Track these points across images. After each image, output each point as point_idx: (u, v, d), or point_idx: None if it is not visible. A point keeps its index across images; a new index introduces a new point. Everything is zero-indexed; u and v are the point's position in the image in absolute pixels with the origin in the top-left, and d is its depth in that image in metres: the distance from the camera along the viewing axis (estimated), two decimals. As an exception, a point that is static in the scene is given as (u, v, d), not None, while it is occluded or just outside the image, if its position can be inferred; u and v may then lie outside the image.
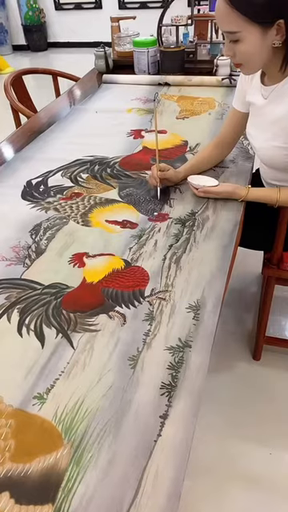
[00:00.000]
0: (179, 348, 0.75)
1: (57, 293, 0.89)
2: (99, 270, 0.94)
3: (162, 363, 0.73)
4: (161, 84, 1.98)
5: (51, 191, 1.25)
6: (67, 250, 1.01)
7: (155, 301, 0.85)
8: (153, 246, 1.01)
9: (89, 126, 1.65)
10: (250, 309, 1.82)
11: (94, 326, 0.81)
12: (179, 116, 1.68)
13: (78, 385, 0.71)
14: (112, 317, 0.82)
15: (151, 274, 0.92)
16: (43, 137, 1.59)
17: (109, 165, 1.37)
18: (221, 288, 0.88)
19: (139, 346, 0.76)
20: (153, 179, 1.18)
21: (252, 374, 1.56)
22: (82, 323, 0.81)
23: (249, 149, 1.40)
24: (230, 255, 0.97)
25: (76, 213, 1.15)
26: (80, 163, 1.39)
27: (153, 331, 0.79)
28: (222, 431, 1.39)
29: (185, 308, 0.83)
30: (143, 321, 0.81)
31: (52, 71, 2.30)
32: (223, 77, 1.92)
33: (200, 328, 0.79)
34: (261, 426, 1.40)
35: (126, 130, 1.59)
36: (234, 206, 1.13)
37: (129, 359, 0.74)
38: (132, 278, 0.92)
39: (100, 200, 1.19)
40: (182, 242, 1.01)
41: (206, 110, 1.70)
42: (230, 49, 0.99)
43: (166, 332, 0.79)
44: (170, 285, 0.89)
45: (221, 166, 1.32)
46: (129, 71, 2.15)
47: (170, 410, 0.66)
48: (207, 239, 1.02)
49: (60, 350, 0.77)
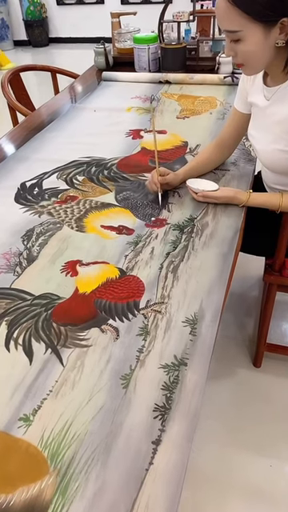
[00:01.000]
0: (174, 366, 0.71)
1: (47, 304, 0.85)
2: (92, 279, 0.90)
3: (156, 383, 0.69)
4: (161, 82, 1.93)
5: (46, 194, 1.21)
6: (60, 257, 0.97)
7: (150, 314, 0.81)
8: (149, 254, 0.96)
9: (87, 126, 1.61)
10: (250, 313, 1.78)
11: (86, 340, 0.77)
12: (180, 115, 1.63)
13: (67, 406, 0.67)
14: (104, 331, 0.78)
15: (147, 284, 0.88)
16: (40, 136, 1.55)
17: (106, 166, 1.33)
18: (219, 300, 0.84)
19: (132, 364, 0.72)
20: (153, 184, 1.14)
21: (252, 381, 1.52)
22: (72, 337, 0.77)
23: (251, 150, 1.35)
24: (230, 264, 0.92)
25: (70, 217, 1.10)
26: (76, 164, 1.34)
27: (147, 347, 0.75)
28: (221, 440, 1.35)
29: (181, 322, 0.79)
30: (137, 335, 0.77)
31: (51, 68, 2.25)
32: (225, 75, 1.87)
33: (197, 344, 0.75)
34: (261, 435, 1.36)
35: (125, 130, 1.55)
36: (234, 212, 1.09)
37: (121, 378, 0.70)
38: (127, 288, 0.87)
39: (96, 204, 1.15)
40: (179, 250, 0.97)
41: (207, 110, 1.65)
42: (231, 48, 0.95)
43: (160, 348, 0.74)
44: (166, 296, 0.85)
45: (221, 168, 1.28)
46: (129, 68, 2.10)
47: (163, 434, 0.62)
48: (206, 247, 0.97)
49: (49, 367, 0.73)
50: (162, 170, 1.13)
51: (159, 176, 1.11)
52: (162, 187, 1.14)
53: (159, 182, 1.11)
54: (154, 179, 1.13)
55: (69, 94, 1.94)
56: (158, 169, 1.12)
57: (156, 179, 1.11)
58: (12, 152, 1.45)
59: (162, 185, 1.12)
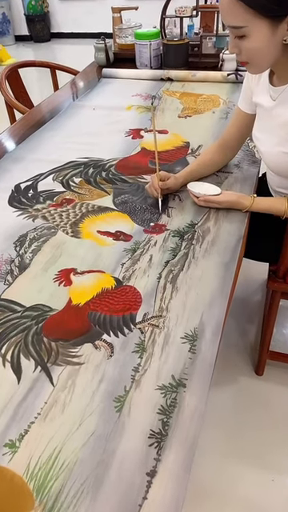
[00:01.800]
0: (172, 387, 0.67)
1: (38, 316, 0.80)
2: (87, 289, 0.85)
3: (152, 406, 0.64)
4: (163, 79, 1.88)
5: (40, 197, 1.16)
6: (53, 264, 0.93)
7: (147, 328, 0.77)
8: (147, 262, 0.92)
9: (85, 124, 1.56)
10: (253, 319, 1.73)
11: (78, 357, 0.72)
12: (181, 114, 1.57)
13: (56, 430, 0.62)
14: (98, 347, 0.74)
15: (144, 295, 0.83)
16: (37, 135, 1.50)
17: (104, 168, 1.27)
18: (221, 313, 0.79)
19: (127, 385, 0.67)
20: (153, 189, 1.09)
21: (254, 389, 1.48)
22: (64, 354, 0.73)
23: (255, 152, 1.30)
24: (232, 275, 0.87)
25: (66, 222, 1.06)
26: (73, 165, 1.29)
27: (143, 366, 0.70)
28: (221, 451, 1.31)
29: (180, 338, 0.74)
30: (133, 352, 0.72)
31: (50, 64, 2.19)
32: (229, 72, 1.81)
33: (196, 362, 0.70)
34: (263, 447, 1.32)
35: (125, 129, 1.49)
36: (237, 217, 1.03)
37: (115, 400, 0.65)
38: (123, 300, 0.83)
39: (92, 208, 1.10)
40: (179, 258, 0.92)
41: (209, 109, 1.60)
42: (235, 45, 0.89)
43: (157, 367, 0.70)
44: (164, 309, 0.80)
45: (224, 170, 1.22)
46: (130, 65, 2.04)
47: (158, 465, 0.58)
48: (207, 255, 0.92)
49: (38, 387, 0.68)
50: (162, 175, 1.08)
51: (160, 181, 1.06)
52: (163, 192, 1.09)
53: (160, 187, 1.06)
54: (154, 184, 1.08)
55: (68, 92, 1.89)
56: (159, 173, 1.07)
57: (156, 184, 1.06)
58: (8, 151, 1.40)
59: (162, 190, 1.07)
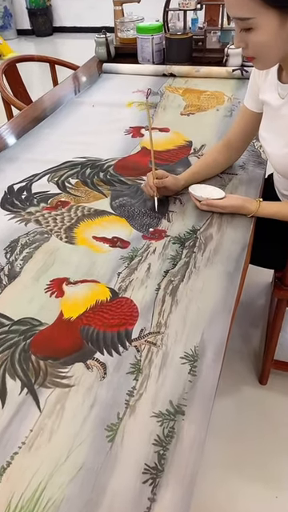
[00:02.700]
0: (170, 415, 0.61)
1: (27, 331, 0.74)
2: (80, 301, 0.80)
3: (147, 436, 0.59)
4: (165, 75, 1.81)
5: (34, 199, 1.10)
6: (45, 273, 0.87)
7: (144, 346, 0.71)
8: (145, 272, 0.86)
9: (84, 122, 1.49)
10: (257, 324, 1.67)
11: (68, 379, 0.66)
12: (184, 112, 1.51)
13: (41, 462, 0.56)
14: (90, 367, 0.68)
15: (141, 308, 0.78)
16: (33, 133, 1.44)
17: (102, 168, 1.21)
18: (224, 330, 0.73)
19: (120, 411, 0.62)
20: (148, 188, 1.03)
21: (257, 399, 1.42)
22: (52, 374, 0.67)
23: (261, 152, 1.23)
24: (236, 287, 0.81)
25: (60, 226, 1.00)
26: (70, 166, 1.23)
27: (138, 389, 0.64)
28: (221, 464, 1.25)
29: (179, 358, 0.68)
30: (128, 374, 0.67)
31: (49, 59, 2.12)
32: (234, 67, 1.74)
33: (197, 386, 0.64)
34: (266, 461, 1.26)
35: (125, 127, 1.43)
36: (242, 223, 0.97)
37: (107, 428, 0.60)
38: (118, 313, 0.77)
39: (88, 211, 1.04)
40: (179, 268, 0.86)
41: (213, 106, 1.53)
42: (241, 39, 0.83)
43: (154, 391, 0.64)
44: (162, 324, 0.74)
45: (228, 172, 1.16)
46: (132, 60, 1.98)
47: (153, 506, 0.52)
48: (209, 264, 0.86)
49: (23, 412, 0.62)
50: (159, 173, 1.02)
51: (155, 179, 1.00)
52: (160, 192, 1.03)
53: (155, 185, 1.00)
54: (149, 182, 1.02)
55: (66, 88, 1.82)
56: (155, 171, 1.01)
57: (151, 182, 1.00)
58: (2, 150, 1.34)
59: (158, 189, 1.01)
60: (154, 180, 1.00)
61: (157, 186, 1.00)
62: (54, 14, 6.06)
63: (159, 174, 1.02)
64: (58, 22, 6.14)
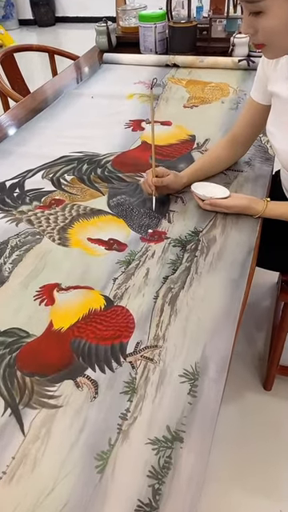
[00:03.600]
0: (166, 442, 0.55)
1: (13, 343, 0.68)
2: (72, 310, 0.73)
3: (141, 466, 0.53)
4: (168, 65, 1.73)
5: (27, 197, 1.03)
6: (35, 278, 0.81)
7: (139, 362, 0.65)
8: (143, 278, 0.79)
9: (82, 115, 1.42)
10: (261, 326, 1.61)
11: (55, 398, 0.60)
12: (187, 104, 1.43)
13: (23, 496, 0.51)
14: (80, 385, 0.62)
15: (138, 319, 0.71)
16: (29, 126, 1.37)
17: (99, 164, 1.15)
18: (228, 344, 0.67)
19: (112, 436, 0.56)
20: (147, 186, 0.96)
21: (261, 406, 1.36)
22: (39, 393, 0.61)
23: (268, 148, 1.16)
24: (241, 295, 0.75)
25: (53, 227, 0.93)
26: (66, 161, 1.17)
27: (133, 412, 0.58)
28: (223, 475, 1.20)
29: (178, 376, 0.62)
30: (121, 394, 0.61)
31: (49, 48, 2.05)
32: (240, 58, 1.66)
33: (197, 409, 0.58)
34: (270, 472, 1.21)
35: (125, 120, 1.36)
36: (247, 224, 0.91)
37: (96, 457, 0.54)
38: (113, 324, 0.71)
39: (84, 210, 0.98)
40: (180, 274, 0.80)
41: (218, 98, 1.46)
42: (249, 24, 0.76)
43: (150, 414, 0.58)
44: (160, 337, 0.68)
45: (233, 168, 1.09)
46: (134, 50, 1.90)
47: None
48: (212, 270, 0.80)
49: (6, 436, 0.57)
50: (159, 171, 0.95)
51: (155, 177, 0.94)
52: (160, 190, 0.96)
53: (154, 183, 0.94)
54: (148, 180, 0.95)
55: (65, 78, 1.75)
56: (154, 168, 0.94)
57: (150, 180, 0.94)
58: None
59: (158, 188, 0.95)
60: (153, 178, 0.93)
61: (156, 185, 0.94)
62: (57, 3, 5.95)
63: (159, 172, 0.95)
64: (61, 11, 6.03)
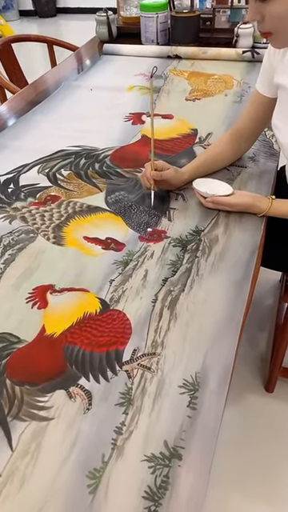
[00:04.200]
0: (164, 459, 0.51)
1: (3, 349, 0.65)
2: (65, 314, 0.70)
3: (137, 487, 0.49)
4: (170, 57, 1.68)
5: (22, 193, 0.99)
6: (28, 279, 0.77)
7: (136, 371, 0.61)
8: (141, 280, 0.75)
9: (80, 107, 1.38)
10: (263, 326, 1.57)
11: (46, 410, 0.57)
12: (189, 97, 1.39)
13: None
14: (73, 396, 0.58)
15: (135, 324, 0.68)
16: (25, 119, 1.33)
17: (98, 159, 1.10)
18: (230, 352, 0.63)
19: (106, 452, 0.52)
20: (145, 180, 0.92)
21: (263, 408, 1.33)
22: (29, 404, 0.57)
23: (273, 142, 1.12)
24: (245, 298, 0.71)
25: (48, 224, 0.89)
26: (63, 155, 1.12)
27: (128, 425, 0.55)
28: (223, 481, 1.16)
29: (177, 386, 0.59)
30: (116, 405, 0.57)
31: (47, 39, 2.00)
32: (244, 49, 1.61)
33: (197, 423, 0.54)
34: (271, 477, 1.18)
35: (124, 113, 1.32)
36: (251, 223, 0.87)
37: (88, 475, 0.50)
38: (108, 330, 0.67)
39: (81, 207, 0.94)
40: (180, 275, 0.76)
41: (221, 91, 1.41)
42: (256, 11, 0.71)
43: (147, 428, 0.54)
44: (159, 344, 0.64)
45: (237, 164, 1.05)
46: (135, 40, 1.84)
47: None
48: (214, 272, 0.76)
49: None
50: (159, 164, 0.91)
51: (154, 170, 0.90)
52: (159, 185, 0.92)
53: (152, 177, 0.89)
54: (146, 173, 0.91)
55: (63, 70, 1.70)
56: (154, 162, 0.90)
57: (149, 174, 0.90)
58: (-10, 138, 1.23)
59: (157, 182, 0.91)
60: (152, 171, 0.89)
61: (155, 179, 0.90)
62: (58, -6, 5.86)
63: (159, 166, 0.91)
64: (62, 2, 5.94)
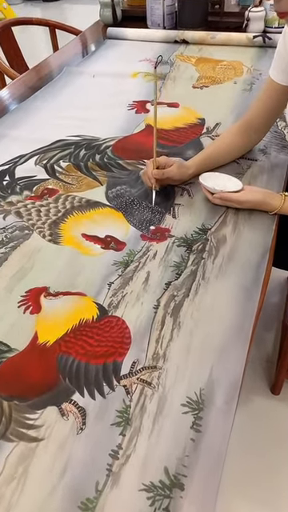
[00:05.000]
0: (164, 489, 0.46)
1: (-8, 359, 0.60)
2: (60, 320, 0.64)
3: (134, 521, 0.44)
4: (177, 41, 1.60)
5: (17, 185, 0.94)
6: (21, 280, 0.71)
7: (135, 386, 0.56)
8: (143, 283, 0.70)
9: (81, 95, 1.31)
10: (270, 326, 1.51)
11: (36, 429, 0.52)
12: (196, 84, 1.31)
13: None
14: (65, 413, 0.53)
15: (135, 332, 0.62)
16: (23, 106, 1.26)
17: (99, 149, 1.04)
18: (239, 365, 0.58)
19: (100, 480, 0.47)
20: (147, 178, 0.86)
21: (268, 411, 1.28)
22: (18, 422, 0.53)
23: (285, 134, 1.05)
24: (255, 304, 0.66)
25: (44, 220, 0.84)
26: (62, 146, 1.06)
27: (125, 449, 0.49)
28: (226, 486, 1.12)
29: (180, 405, 0.53)
30: (112, 426, 0.52)
31: (49, 22, 1.92)
32: (255, 34, 1.53)
33: (201, 448, 0.49)
34: (276, 482, 1.13)
35: (128, 101, 1.25)
36: (262, 221, 0.81)
37: (81, 506, 0.45)
38: (106, 339, 0.61)
39: (79, 202, 0.88)
40: (184, 279, 0.70)
41: (230, 78, 1.33)
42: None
43: (145, 452, 0.49)
44: (160, 356, 0.59)
45: (247, 157, 0.98)
46: (140, 24, 1.76)
47: None
48: (221, 275, 0.70)
49: (-24, 475, 0.48)
50: (161, 161, 0.85)
51: (155, 168, 0.84)
52: (161, 182, 0.86)
53: (154, 176, 0.83)
54: (148, 171, 0.85)
55: (65, 55, 1.63)
56: (156, 158, 0.84)
57: (150, 172, 0.84)
58: (-14, 126, 1.17)
59: (158, 180, 0.85)
60: (154, 170, 0.83)
61: (156, 178, 0.83)
62: (63, -23, 5.72)
63: (161, 162, 0.85)
64: (67, -15, 5.80)
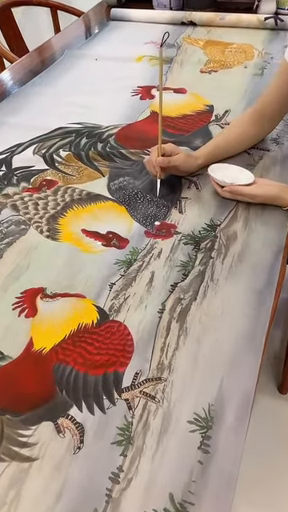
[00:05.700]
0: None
1: (-17, 367, 0.55)
2: (57, 324, 0.60)
3: None
4: (184, 23, 1.52)
5: (14, 176, 0.88)
6: (16, 281, 0.67)
7: (138, 400, 0.51)
8: (146, 285, 0.65)
9: (83, 79, 1.24)
10: (278, 322, 1.46)
11: (30, 447, 0.47)
12: (204, 69, 1.25)
13: None
14: (62, 430, 0.49)
15: (138, 339, 0.57)
16: (23, 92, 1.20)
17: (101, 138, 0.98)
18: (251, 376, 0.53)
19: (98, 507, 0.43)
20: (151, 166, 0.81)
21: (276, 411, 1.24)
22: (10, 439, 0.48)
23: (299, 122, 0.99)
24: (269, 309, 0.61)
25: (42, 214, 0.79)
26: (62, 133, 1.00)
27: (126, 472, 0.45)
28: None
29: (186, 422, 0.49)
30: (113, 444, 0.47)
31: (50, 3, 1.83)
32: (267, 15, 1.45)
33: (210, 472, 0.45)
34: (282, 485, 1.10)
35: (132, 87, 1.18)
36: (276, 218, 0.75)
37: (76, 537, 0.41)
38: (106, 346, 0.57)
39: (79, 195, 0.83)
40: (192, 280, 0.65)
41: (240, 62, 1.26)
42: None
43: (148, 476, 0.45)
44: (165, 367, 0.54)
45: (259, 147, 0.92)
46: (145, 5, 1.69)
47: None
48: (231, 276, 0.65)
49: None
50: (167, 148, 0.79)
51: (161, 155, 0.78)
52: (167, 171, 0.80)
53: (159, 164, 0.78)
54: (152, 159, 0.79)
55: (67, 37, 1.55)
56: (161, 145, 0.78)
57: (154, 160, 0.78)
58: (-17, 112, 1.11)
59: (163, 169, 0.79)
60: (159, 157, 0.77)
61: (161, 166, 0.78)
62: None
63: (167, 150, 0.79)
64: None
